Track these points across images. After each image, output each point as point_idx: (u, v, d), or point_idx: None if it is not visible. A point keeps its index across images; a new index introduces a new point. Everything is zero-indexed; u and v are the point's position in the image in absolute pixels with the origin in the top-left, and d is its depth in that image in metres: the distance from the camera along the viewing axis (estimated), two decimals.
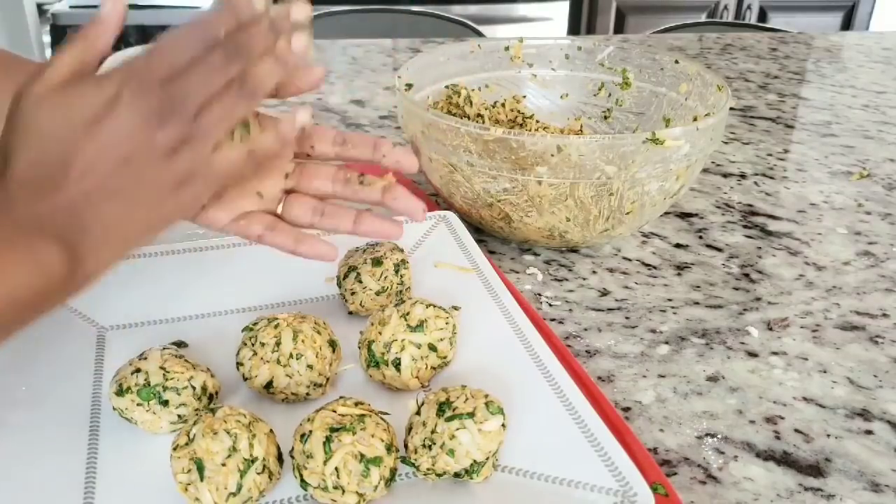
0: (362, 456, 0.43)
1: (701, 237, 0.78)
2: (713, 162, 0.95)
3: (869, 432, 0.53)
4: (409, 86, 0.77)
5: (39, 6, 2.45)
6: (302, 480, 0.43)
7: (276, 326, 0.51)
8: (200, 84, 0.43)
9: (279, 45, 0.44)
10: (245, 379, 0.51)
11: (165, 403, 0.48)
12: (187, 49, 0.43)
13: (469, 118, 0.81)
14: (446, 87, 0.83)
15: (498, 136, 0.64)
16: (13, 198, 0.40)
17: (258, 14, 0.44)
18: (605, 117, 0.87)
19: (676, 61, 0.81)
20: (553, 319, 0.64)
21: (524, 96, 0.88)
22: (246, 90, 0.44)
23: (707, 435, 0.53)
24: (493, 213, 0.70)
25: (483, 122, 0.81)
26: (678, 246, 0.76)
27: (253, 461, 0.43)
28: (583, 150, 0.63)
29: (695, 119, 0.77)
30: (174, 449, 0.43)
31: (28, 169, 0.41)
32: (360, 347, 0.54)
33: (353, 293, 0.59)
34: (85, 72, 0.43)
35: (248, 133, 0.46)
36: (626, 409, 0.55)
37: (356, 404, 0.45)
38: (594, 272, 0.71)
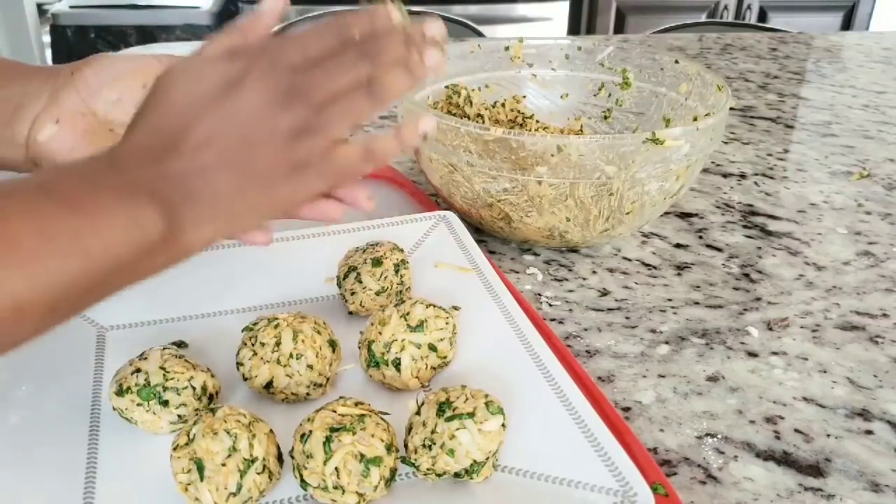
0: (362, 456, 0.43)
1: (701, 237, 0.78)
2: (713, 162, 0.95)
3: (869, 432, 0.53)
4: None
5: (39, 6, 2.45)
6: (302, 480, 0.43)
7: (276, 326, 0.51)
8: (329, 77, 0.43)
9: (412, 57, 0.45)
10: (245, 379, 0.51)
11: (165, 403, 0.48)
12: (322, 42, 0.43)
13: (469, 118, 0.81)
14: (446, 87, 0.83)
15: (498, 136, 0.64)
16: (129, 158, 0.41)
17: (395, 24, 0.45)
18: (605, 117, 0.87)
19: (676, 61, 0.81)
20: (553, 319, 0.64)
21: (524, 96, 0.88)
22: (373, 91, 0.44)
23: (707, 435, 0.53)
24: (493, 213, 0.70)
25: (483, 122, 0.81)
26: (678, 246, 0.76)
27: (253, 461, 0.43)
28: (583, 150, 0.63)
29: (695, 119, 0.77)
30: (174, 449, 0.43)
31: (149, 133, 0.42)
32: (360, 347, 0.54)
33: (353, 293, 0.59)
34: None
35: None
36: (626, 409, 0.55)
37: (356, 404, 0.45)
38: (594, 272, 0.71)
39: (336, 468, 0.42)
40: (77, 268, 0.38)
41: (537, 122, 0.86)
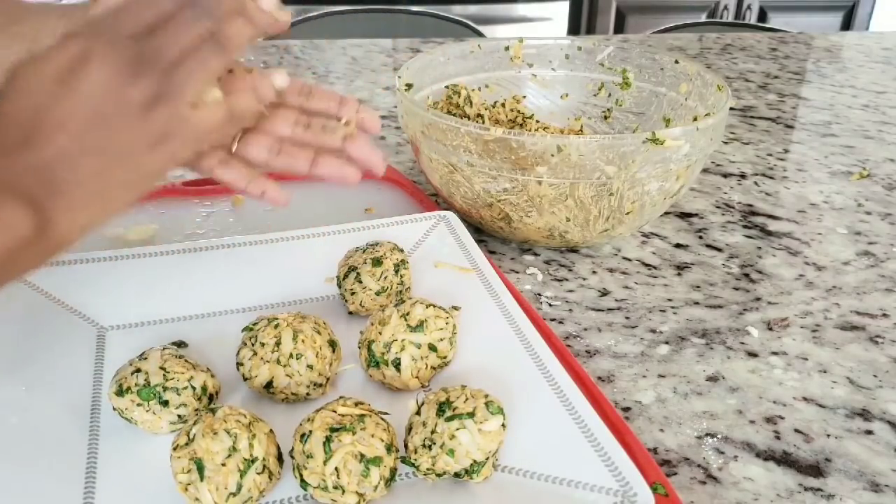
0: (362, 456, 0.43)
1: (701, 237, 0.78)
2: (713, 162, 0.95)
3: (869, 432, 0.53)
4: (409, 86, 0.77)
5: None
6: (302, 480, 0.43)
7: (276, 326, 0.51)
8: (171, 39, 0.42)
9: (248, 4, 0.44)
10: (245, 379, 0.51)
11: (165, 403, 0.48)
12: (158, 6, 0.43)
13: (469, 118, 0.81)
14: (446, 87, 0.83)
15: (498, 136, 0.64)
16: None
17: None
18: (605, 117, 0.87)
19: (676, 61, 0.81)
20: (553, 319, 0.64)
21: (524, 96, 0.88)
22: (217, 43, 0.43)
23: (707, 435, 0.53)
24: (493, 213, 0.70)
25: (483, 122, 0.81)
26: (678, 246, 0.76)
27: (253, 461, 0.43)
28: (583, 150, 0.63)
29: (695, 119, 0.77)
30: (174, 449, 0.43)
31: (1, 127, 0.40)
32: (360, 347, 0.54)
33: (353, 293, 0.59)
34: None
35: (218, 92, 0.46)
36: (626, 409, 0.55)
37: (356, 404, 0.45)
38: (594, 272, 0.71)
39: (336, 468, 0.42)
40: None
41: (537, 122, 0.86)
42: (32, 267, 0.41)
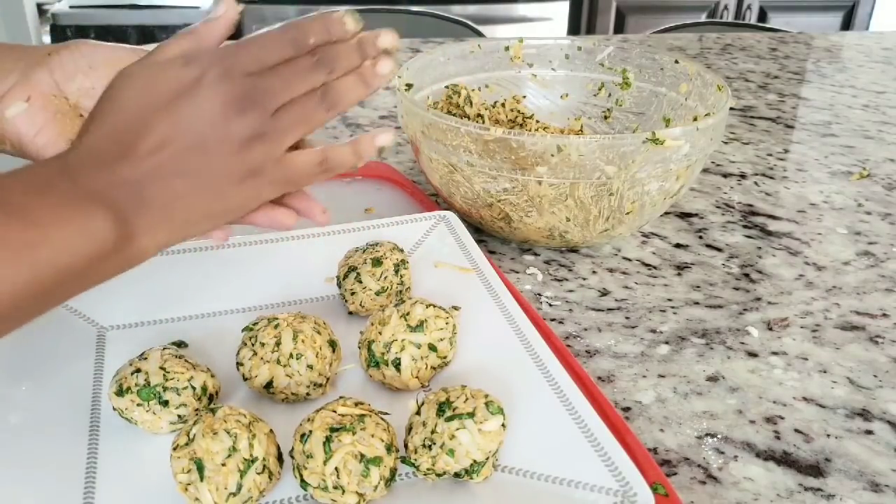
0: (362, 456, 0.43)
1: (701, 237, 0.78)
2: (713, 162, 0.95)
3: (869, 432, 0.53)
4: (409, 86, 0.77)
5: (39, 6, 2.45)
6: (302, 480, 0.43)
7: (276, 326, 0.51)
8: (284, 84, 0.43)
9: (365, 65, 0.45)
10: (245, 379, 0.51)
11: (165, 403, 0.48)
12: (277, 49, 0.44)
13: (469, 118, 0.81)
14: (446, 87, 0.83)
15: (498, 136, 0.64)
16: (81, 164, 0.41)
17: (349, 32, 0.45)
18: (605, 117, 0.87)
19: (676, 61, 0.81)
20: (553, 319, 0.64)
21: (524, 96, 0.88)
22: (327, 100, 0.44)
23: (707, 435, 0.53)
24: (493, 213, 0.70)
25: (483, 122, 0.81)
26: (678, 246, 0.76)
27: (253, 461, 0.43)
28: (583, 150, 0.63)
29: (695, 119, 0.77)
30: (174, 449, 0.43)
31: (101, 138, 0.42)
32: (360, 347, 0.54)
33: (353, 293, 0.59)
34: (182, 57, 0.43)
35: None
36: (626, 409, 0.55)
37: (356, 404, 0.45)
38: (594, 272, 0.71)
39: (336, 468, 0.42)
40: (25, 279, 0.38)
41: (537, 122, 0.86)
42: (106, 277, 0.43)
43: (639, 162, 0.64)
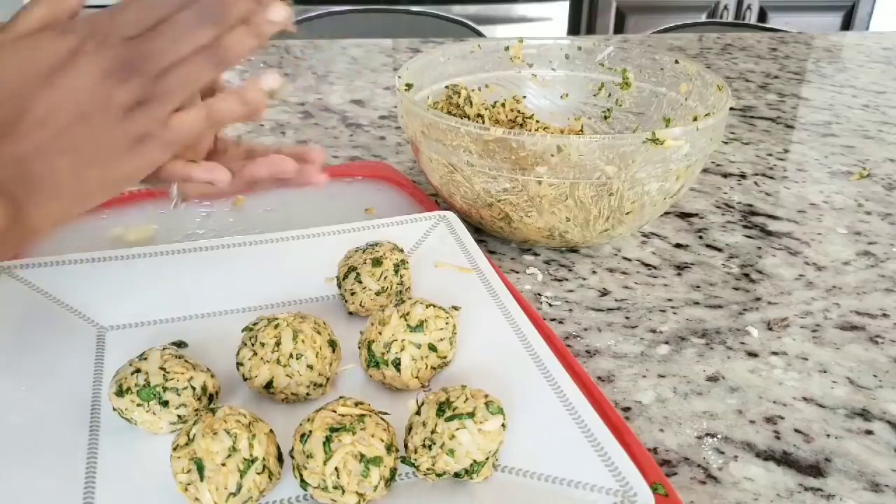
0: (362, 456, 0.43)
1: (701, 237, 0.78)
2: (713, 162, 0.95)
3: (869, 432, 0.53)
4: (409, 86, 0.77)
5: None
6: (302, 480, 0.43)
7: (276, 326, 0.51)
8: (167, 46, 0.41)
9: (256, 14, 0.42)
10: (245, 379, 0.51)
11: (165, 404, 0.48)
12: (157, 6, 0.41)
13: (469, 118, 0.81)
14: (446, 87, 0.83)
15: (498, 137, 0.64)
16: None
17: None
18: (605, 117, 0.87)
19: (676, 61, 0.81)
20: (553, 319, 0.64)
21: (524, 96, 0.88)
22: (215, 56, 0.42)
23: (707, 435, 0.53)
24: (493, 213, 0.70)
25: (483, 122, 0.81)
26: (678, 246, 0.76)
27: (253, 461, 0.43)
28: (583, 150, 0.63)
29: (695, 119, 0.77)
30: (174, 449, 0.43)
31: None
32: (360, 347, 0.54)
33: (352, 293, 0.59)
34: (52, 26, 0.41)
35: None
36: (626, 409, 0.55)
37: (356, 404, 0.45)
38: (594, 272, 0.71)
39: (336, 468, 0.42)
40: None
41: (537, 122, 0.86)
42: (2, 254, 0.41)
43: (639, 162, 0.64)
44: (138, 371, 0.48)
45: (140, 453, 0.47)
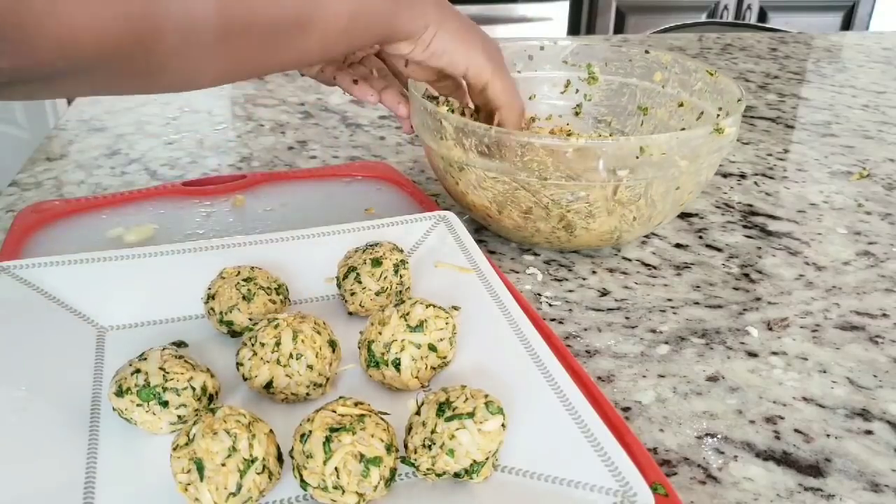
0: (362, 456, 0.43)
1: (701, 237, 0.78)
2: None
3: (869, 432, 0.53)
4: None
5: None
6: (302, 480, 0.43)
7: (276, 326, 0.51)
8: None
9: None
10: (245, 379, 0.51)
11: (165, 404, 0.48)
12: None
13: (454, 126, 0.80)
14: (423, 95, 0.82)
15: (580, 146, 0.62)
16: None
17: None
18: (577, 113, 0.87)
19: (647, 51, 0.82)
20: (553, 319, 0.64)
21: None
22: None
23: (707, 435, 0.53)
24: (550, 224, 0.68)
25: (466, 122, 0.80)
26: (678, 246, 0.76)
27: (253, 461, 0.43)
28: (664, 147, 0.63)
29: (680, 105, 0.78)
30: (174, 449, 0.43)
31: None
32: (360, 347, 0.54)
33: (352, 293, 0.59)
34: None
35: None
36: (626, 409, 0.55)
37: (356, 404, 0.45)
38: (594, 272, 0.71)
39: (336, 468, 0.42)
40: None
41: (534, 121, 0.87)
42: None
43: (704, 153, 0.65)
44: (138, 371, 0.48)
45: (140, 453, 0.48)
